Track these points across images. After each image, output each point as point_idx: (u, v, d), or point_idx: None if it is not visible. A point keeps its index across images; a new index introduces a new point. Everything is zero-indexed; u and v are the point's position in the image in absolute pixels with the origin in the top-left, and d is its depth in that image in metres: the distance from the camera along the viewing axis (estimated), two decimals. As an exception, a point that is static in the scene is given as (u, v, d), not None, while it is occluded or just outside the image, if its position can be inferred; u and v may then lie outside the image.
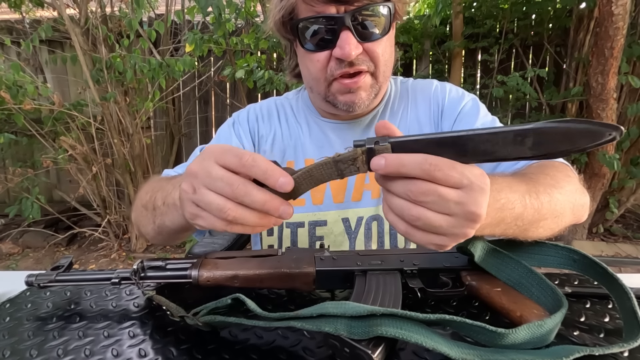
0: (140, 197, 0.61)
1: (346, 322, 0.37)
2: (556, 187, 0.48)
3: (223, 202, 0.37)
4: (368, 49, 0.62)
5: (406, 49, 3.20)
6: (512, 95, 2.97)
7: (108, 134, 2.73)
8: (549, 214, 0.46)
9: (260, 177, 0.37)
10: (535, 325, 0.36)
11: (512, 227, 0.43)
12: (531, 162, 0.60)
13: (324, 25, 0.60)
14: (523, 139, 0.33)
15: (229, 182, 0.37)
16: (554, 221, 0.48)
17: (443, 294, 0.47)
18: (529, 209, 0.43)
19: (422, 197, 0.34)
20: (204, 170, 0.38)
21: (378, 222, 0.72)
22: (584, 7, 2.76)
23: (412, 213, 0.35)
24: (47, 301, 0.54)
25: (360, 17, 0.59)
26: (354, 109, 0.66)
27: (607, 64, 2.26)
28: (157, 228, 0.56)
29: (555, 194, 0.47)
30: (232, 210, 0.37)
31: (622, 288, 0.41)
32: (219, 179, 0.37)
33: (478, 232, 0.38)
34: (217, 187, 0.37)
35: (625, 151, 2.75)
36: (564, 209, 0.49)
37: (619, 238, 2.87)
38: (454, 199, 0.34)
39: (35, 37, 2.36)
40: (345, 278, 0.48)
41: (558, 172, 0.53)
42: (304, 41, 0.63)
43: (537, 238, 0.48)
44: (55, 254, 2.92)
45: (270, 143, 0.77)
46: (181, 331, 0.45)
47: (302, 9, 0.61)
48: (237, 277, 0.47)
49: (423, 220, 0.35)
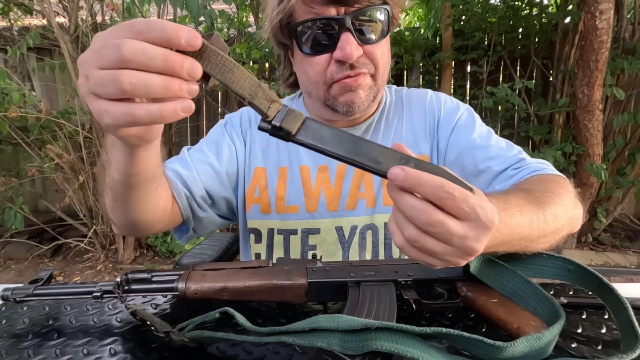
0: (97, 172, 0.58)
1: (339, 337, 0.35)
2: (559, 205, 0.49)
3: (114, 71, 0.31)
4: (368, 51, 0.62)
5: (397, 60, 3.24)
6: (501, 106, 3.02)
7: (96, 143, 2.68)
8: (551, 231, 0.46)
9: (160, 37, 0.31)
10: (534, 337, 0.35)
11: (516, 246, 0.44)
12: (530, 174, 0.61)
13: (323, 27, 0.60)
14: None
15: (114, 44, 0.30)
16: (553, 236, 0.48)
17: (438, 305, 0.45)
18: (535, 230, 0.44)
19: (429, 228, 0.34)
20: (91, 51, 0.32)
21: (373, 232, 0.71)
22: (569, 22, 2.84)
23: (413, 236, 0.35)
24: (24, 317, 0.51)
25: (360, 20, 0.59)
26: (353, 109, 0.65)
27: (592, 77, 2.32)
28: (110, 190, 0.51)
29: (559, 212, 0.47)
30: (127, 76, 0.30)
31: (617, 298, 0.40)
32: (104, 47, 0.31)
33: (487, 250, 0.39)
34: (105, 57, 0.31)
35: (611, 161, 2.80)
36: (564, 224, 0.49)
37: (608, 247, 2.91)
38: (458, 233, 0.34)
39: (22, 44, 2.33)
40: (339, 290, 0.46)
41: (560, 188, 0.54)
42: (303, 45, 0.62)
43: (534, 252, 0.48)
44: (39, 266, 2.83)
45: (263, 148, 0.75)
46: (166, 348, 0.43)
47: (301, 11, 0.61)
48: (226, 289, 0.46)
49: (421, 244, 0.35)
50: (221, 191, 0.72)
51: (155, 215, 0.57)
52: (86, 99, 0.34)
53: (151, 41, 0.31)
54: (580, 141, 2.55)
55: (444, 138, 0.73)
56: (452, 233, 0.34)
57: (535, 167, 0.62)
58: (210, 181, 0.70)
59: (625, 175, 2.74)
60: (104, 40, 0.32)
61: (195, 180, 0.68)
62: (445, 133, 0.73)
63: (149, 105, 0.32)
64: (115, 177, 0.48)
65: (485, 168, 0.66)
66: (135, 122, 0.32)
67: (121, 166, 0.46)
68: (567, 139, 2.68)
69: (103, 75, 0.31)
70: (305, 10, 0.60)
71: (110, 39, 0.32)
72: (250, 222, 0.74)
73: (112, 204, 0.53)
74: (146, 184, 0.50)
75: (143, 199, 0.53)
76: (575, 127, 2.60)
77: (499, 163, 0.65)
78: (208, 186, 0.70)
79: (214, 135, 0.76)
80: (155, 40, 0.31)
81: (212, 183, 0.70)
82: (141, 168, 0.46)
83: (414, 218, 0.34)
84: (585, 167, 2.48)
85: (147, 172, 0.48)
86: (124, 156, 0.44)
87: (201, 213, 0.69)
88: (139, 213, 0.54)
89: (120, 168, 0.46)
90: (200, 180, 0.68)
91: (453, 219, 0.34)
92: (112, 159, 0.46)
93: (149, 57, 0.30)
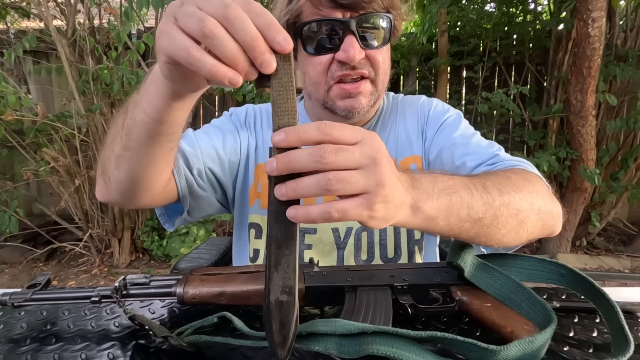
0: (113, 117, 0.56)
1: (336, 341, 0.36)
2: (509, 185, 0.49)
3: (207, 15, 0.32)
4: (370, 55, 0.63)
5: (394, 65, 3.26)
6: (497, 111, 3.06)
7: (93, 146, 2.68)
8: (505, 210, 0.47)
9: (262, 23, 0.32)
10: (527, 341, 0.36)
11: (469, 221, 0.44)
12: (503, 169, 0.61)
13: (329, 28, 0.61)
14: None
15: (227, 4, 0.32)
16: (515, 221, 0.48)
17: (434, 310, 0.46)
18: (478, 199, 0.44)
19: (328, 156, 0.33)
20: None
21: (368, 233, 0.72)
22: (562, 29, 2.89)
23: (328, 177, 0.33)
24: (21, 321, 0.51)
25: (364, 24, 0.61)
26: (353, 114, 0.66)
27: (585, 83, 2.36)
28: (125, 135, 0.48)
29: (508, 190, 0.48)
30: (212, 24, 0.31)
31: (609, 302, 0.41)
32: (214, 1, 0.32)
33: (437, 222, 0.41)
34: (210, 3, 0.32)
35: (605, 166, 2.84)
36: (524, 208, 0.49)
37: (602, 251, 2.93)
38: (356, 148, 0.34)
39: (19, 47, 2.33)
40: (336, 294, 0.47)
41: (523, 180, 0.54)
42: (307, 44, 0.64)
43: (506, 243, 0.49)
44: (33, 270, 2.81)
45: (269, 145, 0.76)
46: (164, 352, 0.43)
47: (308, 13, 0.62)
48: (224, 294, 0.46)
49: (338, 179, 0.33)
50: (221, 176, 0.71)
51: (158, 181, 0.55)
52: (165, 17, 0.35)
53: (253, 19, 0.32)
54: (574, 146, 2.59)
55: (430, 137, 0.75)
56: (352, 150, 0.34)
57: (511, 164, 0.62)
58: (212, 163, 0.69)
59: (619, 180, 2.78)
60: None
61: (198, 159, 0.66)
62: (431, 133, 0.75)
63: (207, 56, 0.32)
64: (138, 118, 0.46)
65: (461, 164, 0.67)
66: (186, 60, 0.33)
67: (151, 107, 0.44)
68: (561, 144, 2.72)
69: (195, 12, 0.32)
70: (312, 12, 0.62)
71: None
72: (251, 217, 0.75)
73: (121, 152, 0.50)
74: (165, 139, 0.49)
75: (156, 154, 0.51)
76: (569, 133, 2.63)
77: (474, 159, 0.66)
78: (209, 167, 0.69)
79: (219, 123, 0.77)
80: (257, 22, 0.32)
81: (214, 166, 0.69)
82: (169, 118, 0.45)
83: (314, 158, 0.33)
84: (579, 172, 2.51)
85: (172, 125, 0.47)
86: (159, 97, 0.43)
87: (201, 192, 0.67)
88: (146, 170, 0.52)
89: (149, 109, 0.44)
90: (202, 160, 0.67)
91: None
92: (143, 97, 0.45)
93: (244, 28, 0.32)
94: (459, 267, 0.45)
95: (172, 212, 0.69)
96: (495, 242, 0.49)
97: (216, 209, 0.75)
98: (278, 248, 0.34)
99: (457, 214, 0.43)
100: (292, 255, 0.34)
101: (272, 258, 0.34)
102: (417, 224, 0.42)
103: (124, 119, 0.49)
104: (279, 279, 0.34)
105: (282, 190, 0.34)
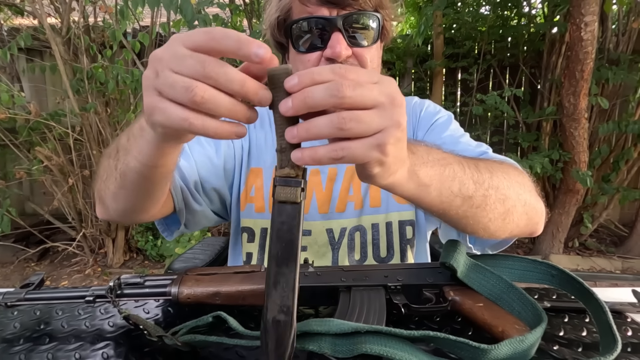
0: (103, 153, 0.57)
1: (330, 340, 0.36)
2: (500, 172, 0.50)
3: (191, 81, 0.31)
4: (357, 53, 0.63)
5: (389, 66, 3.29)
6: (491, 113, 3.08)
7: (87, 145, 2.66)
8: (494, 193, 0.47)
9: (233, 46, 0.31)
10: (517, 340, 0.36)
11: (459, 196, 0.44)
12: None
13: (316, 26, 0.62)
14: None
15: (200, 59, 0.31)
16: (503, 207, 0.49)
17: (427, 309, 0.47)
18: (469, 176, 0.45)
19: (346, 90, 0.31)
20: (170, 52, 0.32)
21: (361, 233, 0.73)
22: (556, 32, 2.92)
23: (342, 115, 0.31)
24: (15, 321, 0.51)
25: (351, 22, 0.62)
26: None
27: (578, 86, 2.38)
28: (120, 176, 0.50)
29: (498, 175, 0.49)
30: (201, 89, 0.31)
31: (597, 303, 0.42)
32: (188, 57, 0.31)
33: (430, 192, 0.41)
34: (186, 66, 0.31)
35: (597, 168, 2.87)
36: (511, 197, 0.50)
37: (594, 252, 2.97)
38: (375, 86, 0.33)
39: (13, 45, 2.30)
40: (330, 294, 0.47)
41: (505, 165, 0.55)
42: (296, 42, 0.64)
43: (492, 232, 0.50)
44: (25, 270, 2.78)
45: (261, 149, 0.77)
46: (159, 352, 0.43)
47: (297, 10, 0.63)
48: (219, 294, 0.46)
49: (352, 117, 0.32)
50: (217, 185, 0.72)
51: (157, 206, 0.58)
52: (146, 91, 0.34)
53: (226, 49, 0.31)
54: (567, 148, 2.62)
55: (420, 138, 0.75)
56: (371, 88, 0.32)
57: (500, 158, 0.63)
58: (207, 174, 0.70)
59: (610, 182, 2.82)
60: (183, 44, 0.32)
61: (193, 172, 0.67)
62: (422, 133, 0.76)
63: (208, 120, 0.32)
64: (132, 165, 0.47)
65: None
66: (189, 130, 0.32)
67: (143, 155, 0.45)
68: (554, 147, 2.74)
69: (177, 80, 0.31)
70: (300, 10, 0.62)
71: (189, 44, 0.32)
72: (243, 221, 0.75)
73: (117, 190, 0.52)
74: (160, 178, 0.50)
75: (152, 191, 0.53)
76: (562, 135, 2.66)
77: None
78: (205, 179, 0.69)
79: None
80: (228, 48, 0.31)
81: (210, 176, 0.70)
82: (162, 162, 0.46)
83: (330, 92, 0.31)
84: (571, 174, 2.54)
85: (166, 167, 0.48)
86: (150, 147, 0.43)
87: (196, 206, 0.68)
88: (143, 203, 0.54)
89: (141, 157, 0.45)
90: (197, 172, 0.68)
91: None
92: (133, 146, 0.45)
93: (229, 79, 0.31)
94: (451, 267, 0.46)
95: (171, 222, 0.71)
96: (482, 228, 0.49)
97: (213, 220, 0.76)
98: (278, 266, 0.34)
99: (448, 187, 0.43)
100: (291, 275, 0.33)
101: (272, 276, 0.34)
102: (410, 190, 0.41)
103: (117, 162, 0.50)
104: (277, 297, 0.33)
105: (293, 132, 0.32)
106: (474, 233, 0.52)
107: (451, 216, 0.47)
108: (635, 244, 2.88)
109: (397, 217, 0.73)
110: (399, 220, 0.73)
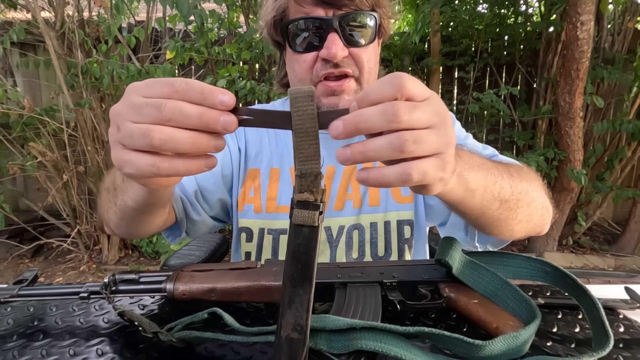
0: (104, 181, 0.58)
1: (326, 336, 0.36)
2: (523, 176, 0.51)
3: (146, 126, 0.31)
4: (354, 53, 0.63)
5: (386, 64, 3.28)
6: (487, 111, 3.10)
7: (81, 141, 2.63)
8: (524, 197, 0.48)
9: (197, 97, 0.31)
10: (511, 336, 0.37)
11: (498, 200, 0.45)
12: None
13: (312, 26, 0.62)
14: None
15: (156, 104, 0.31)
16: (528, 210, 0.50)
17: (422, 306, 0.47)
18: (506, 180, 0.46)
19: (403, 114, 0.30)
20: (128, 104, 0.33)
21: (359, 231, 0.73)
22: (552, 31, 2.93)
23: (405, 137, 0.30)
24: (8, 318, 0.50)
25: (347, 22, 0.61)
26: None
27: (573, 85, 2.40)
28: (120, 211, 0.52)
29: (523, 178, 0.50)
30: (157, 132, 0.30)
31: (590, 299, 0.42)
32: (145, 105, 0.31)
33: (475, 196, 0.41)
34: (143, 114, 0.31)
35: (591, 167, 2.90)
36: (535, 200, 0.51)
37: (587, 250, 3.00)
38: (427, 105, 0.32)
39: (6, 39, 2.27)
40: (326, 291, 0.47)
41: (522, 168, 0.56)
42: (292, 42, 0.64)
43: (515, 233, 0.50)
44: (19, 266, 2.76)
45: (257, 149, 0.77)
46: (154, 348, 0.43)
47: (293, 10, 0.63)
48: (215, 290, 0.46)
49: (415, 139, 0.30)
50: (216, 192, 0.73)
51: (159, 225, 0.62)
52: (112, 147, 0.35)
53: (189, 100, 0.31)
54: (562, 147, 2.63)
55: None
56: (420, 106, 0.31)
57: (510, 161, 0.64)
58: (206, 183, 0.71)
59: (604, 181, 2.84)
60: (141, 95, 0.32)
61: (191, 182, 0.69)
62: None
63: (174, 160, 0.32)
64: (129, 204, 0.49)
65: None
66: (159, 174, 0.32)
67: (138, 197, 0.46)
68: (550, 145, 2.76)
69: (134, 129, 0.32)
70: (296, 10, 0.62)
71: (148, 94, 0.32)
72: (241, 222, 0.75)
73: (119, 221, 0.55)
74: (159, 208, 0.53)
75: (154, 219, 0.56)
76: (557, 134, 2.68)
77: None
78: (204, 187, 0.71)
79: None
80: (192, 98, 0.31)
81: (208, 184, 0.72)
82: (157, 199, 0.47)
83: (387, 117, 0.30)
84: (566, 172, 2.56)
85: (163, 201, 0.50)
86: (142, 192, 0.45)
87: (195, 216, 0.71)
88: (146, 228, 0.58)
89: (136, 198, 0.47)
90: (196, 182, 0.70)
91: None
92: (128, 189, 0.47)
93: (186, 115, 0.31)
94: (447, 264, 0.46)
95: (172, 233, 0.73)
96: (509, 229, 0.49)
97: (212, 226, 0.78)
98: (293, 287, 0.34)
99: (490, 191, 0.44)
100: (306, 296, 0.33)
101: (287, 296, 0.34)
102: (458, 195, 0.41)
103: (115, 199, 0.51)
104: (291, 316, 0.34)
105: (347, 154, 0.31)
106: (499, 235, 0.53)
107: (486, 219, 0.48)
108: (628, 242, 2.91)
109: (396, 217, 0.73)
110: (397, 219, 0.73)
